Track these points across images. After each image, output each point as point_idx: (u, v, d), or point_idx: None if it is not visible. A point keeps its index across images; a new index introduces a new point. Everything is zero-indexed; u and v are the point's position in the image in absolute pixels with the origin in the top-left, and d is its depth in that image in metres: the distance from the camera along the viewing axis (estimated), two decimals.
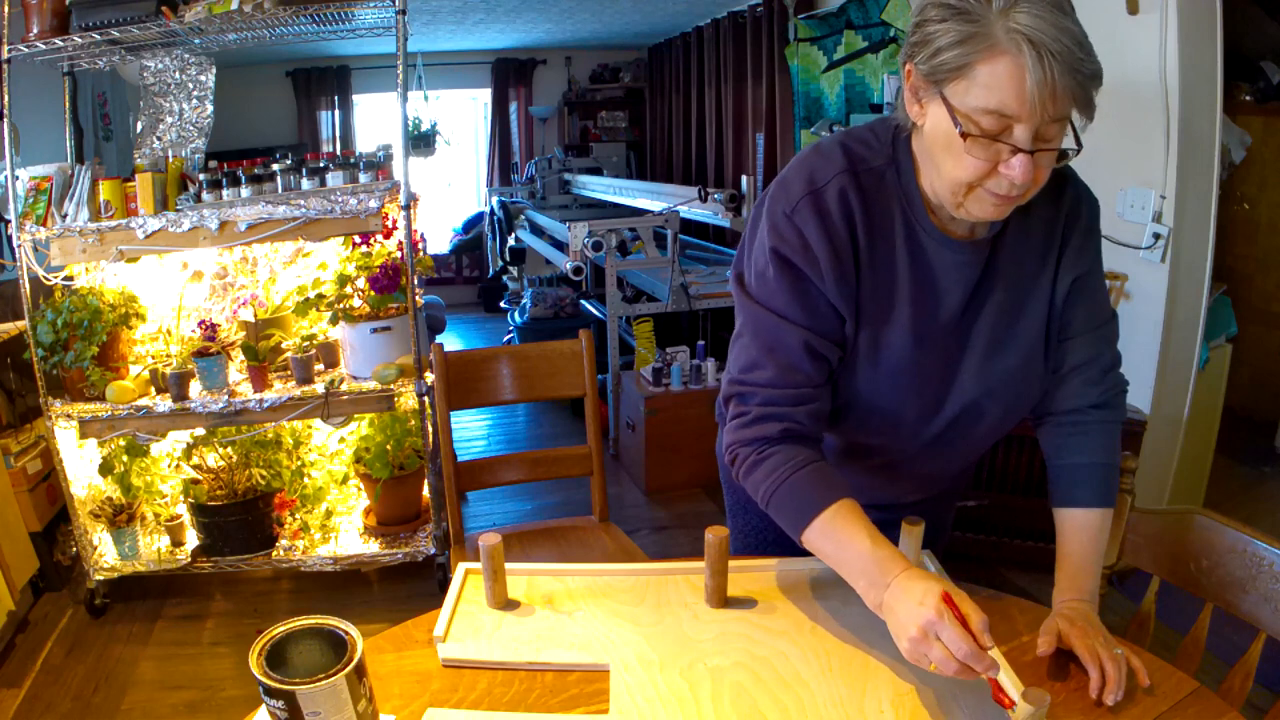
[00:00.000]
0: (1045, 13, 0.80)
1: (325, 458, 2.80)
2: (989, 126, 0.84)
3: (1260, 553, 1.10)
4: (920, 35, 0.87)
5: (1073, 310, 1.06)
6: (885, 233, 1.00)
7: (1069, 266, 1.04)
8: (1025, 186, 0.88)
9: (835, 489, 0.98)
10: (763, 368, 1.02)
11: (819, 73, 4.07)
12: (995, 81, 0.82)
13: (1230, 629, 1.17)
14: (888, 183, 1.00)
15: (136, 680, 2.27)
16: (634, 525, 3.17)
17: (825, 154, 1.01)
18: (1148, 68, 2.24)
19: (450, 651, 1.01)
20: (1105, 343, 1.10)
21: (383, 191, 2.42)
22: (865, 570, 0.94)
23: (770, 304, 1.02)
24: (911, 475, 1.19)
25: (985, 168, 0.87)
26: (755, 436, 1.02)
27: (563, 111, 7.14)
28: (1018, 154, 0.85)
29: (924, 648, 0.84)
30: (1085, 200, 1.06)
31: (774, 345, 1.01)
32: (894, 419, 1.08)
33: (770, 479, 1.00)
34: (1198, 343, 2.43)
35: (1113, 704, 0.89)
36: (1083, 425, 1.10)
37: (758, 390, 1.02)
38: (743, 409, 1.04)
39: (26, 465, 2.61)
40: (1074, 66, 0.80)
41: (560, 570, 1.19)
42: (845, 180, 0.98)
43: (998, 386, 1.06)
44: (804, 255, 0.98)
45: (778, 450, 1.01)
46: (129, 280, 2.60)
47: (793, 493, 0.99)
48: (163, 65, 2.60)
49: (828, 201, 0.98)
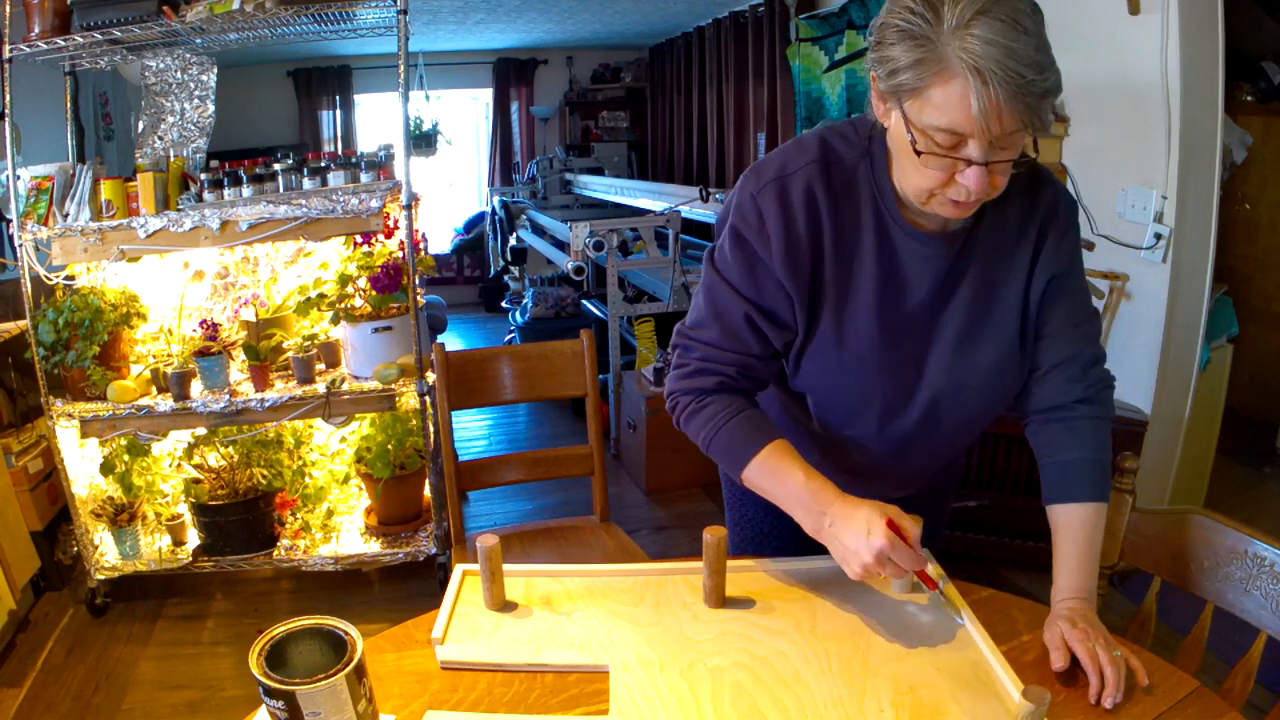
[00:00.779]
0: (997, 35, 0.81)
1: (326, 457, 2.81)
2: (943, 142, 0.88)
3: (1260, 553, 1.10)
4: (879, 53, 0.90)
5: (1051, 309, 1.08)
6: (853, 223, 1.04)
7: (1045, 266, 1.06)
8: (982, 195, 0.91)
9: (768, 432, 1.07)
10: (708, 328, 1.10)
11: (820, 72, 4.06)
12: (947, 103, 0.85)
13: (1230, 629, 1.16)
14: (860, 176, 1.04)
15: (137, 680, 2.27)
16: (634, 525, 3.17)
17: (803, 145, 1.06)
18: (1149, 68, 2.23)
19: (449, 653, 1.00)
20: (1085, 340, 1.10)
21: (384, 191, 2.42)
22: (801, 500, 1.02)
23: (725, 274, 1.09)
24: (892, 471, 1.20)
25: (942, 178, 0.91)
26: (693, 387, 1.11)
27: (564, 111, 7.14)
28: (972, 166, 0.88)
29: (878, 569, 0.95)
30: (1062, 202, 1.08)
31: (720, 311, 1.09)
32: (863, 405, 1.11)
33: (709, 425, 1.09)
34: (1199, 343, 2.43)
35: (1111, 707, 0.89)
36: (1068, 421, 1.10)
37: (699, 346, 1.11)
38: (684, 360, 1.13)
39: (27, 465, 2.61)
40: (1020, 90, 0.82)
41: (558, 571, 1.19)
42: (813, 171, 1.03)
43: (970, 379, 1.08)
44: (759, 235, 1.04)
45: (713, 399, 1.09)
46: (130, 280, 2.60)
47: (731, 437, 1.07)
48: (164, 65, 2.60)
49: (792, 190, 1.02)
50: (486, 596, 1.09)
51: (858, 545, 0.94)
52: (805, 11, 4.16)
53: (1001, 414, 1.16)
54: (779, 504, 1.05)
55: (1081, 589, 1.03)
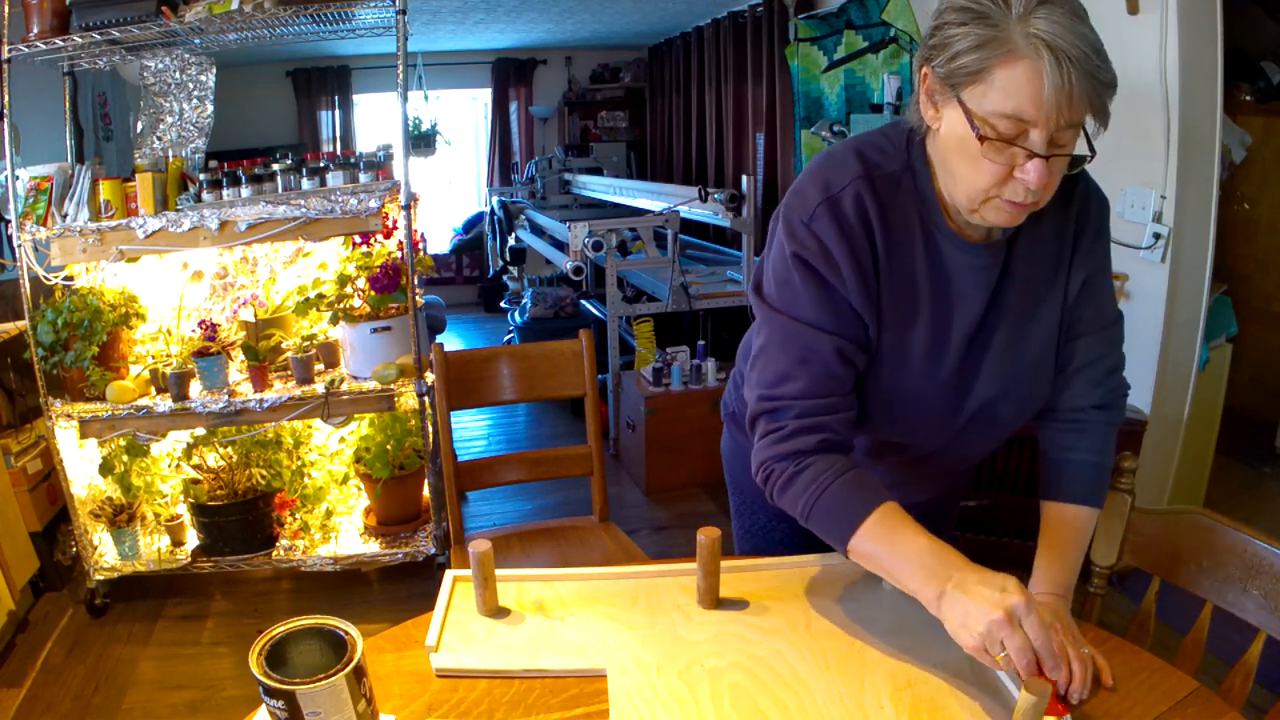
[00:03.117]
0: (1063, 19, 0.80)
1: (325, 458, 2.81)
2: (1005, 130, 0.85)
3: (1260, 553, 1.10)
4: (938, 38, 0.87)
5: (1082, 309, 1.06)
6: (903, 237, 0.99)
7: (1080, 266, 1.05)
8: (1040, 192, 0.88)
9: (879, 492, 0.96)
10: (795, 379, 0.99)
11: (819, 72, 4.06)
12: (1013, 86, 0.82)
13: (1230, 629, 1.16)
14: (904, 187, 0.99)
15: (136, 680, 2.27)
16: (634, 525, 3.17)
17: (839, 160, 1.00)
18: (1148, 68, 2.24)
19: (444, 661, 1.00)
20: (1111, 343, 1.10)
21: (383, 191, 2.42)
22: (925, 563, 0.91)
23: (796, 313, 1.00)
24: (924, 476, 1.19)
25: (1001, 172, 0.87)
26: (792, 450, 0.99)
27: (563, 111, 7.14)
28: (1033, 158, 0.85)
29: (1005, 633, 0.82)
30: (1095, 199, 1.06)
31: (805, 355, 0.99)
32: (916, 422, 1.08)
33: (810, 489, 0.97)
34: (1198, 343, 2.43)
35: (1077, 703, 0.89)
36: (1082, 424, 1.10)
37: (792, 404, 0.99)
38: (776, 425, 1.01)
39: (27, 465, 2.61)
40: (1091, 72, 0.81)
41: (548, 575, 1.18)
42: (861, 186, 0.97)
43: (1012, 386, 1.06)
44: (825, 262, 0.97)
45: (814, 461, 0.98)
46: (129, 280, 2.60)
47: (836, 500, 0.96)
48: (163, 65, 2.60)
49: (844, 208, 0.97)
50: (479, 602, 1.09)
51: (988, 600, 0.84)
52: (804, 11, 4.16)
53: None
54: (892, 571, 0.94)
55: (1059, 584, 1.04)
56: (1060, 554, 1.05)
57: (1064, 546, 1.06)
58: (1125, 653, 1.00)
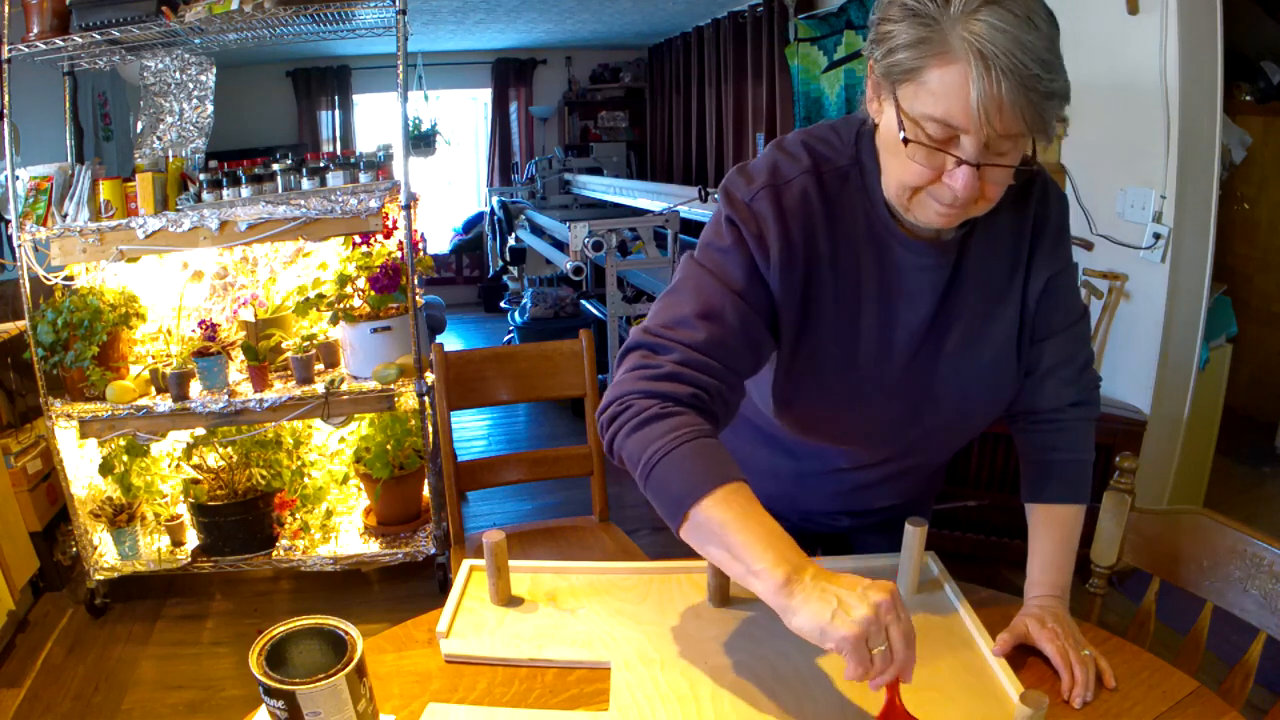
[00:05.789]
0: (1007, 24, 0.75)
1: (325, 458, 2.81)
2: (935, 134, 0.81)
3: (1260, 553, 1.10)
4: (878, 32, 0.84)
5: (1047, 311, 1.04)
6: (849, 235, 0.96)
7: (1042, 267, 1.02)
8: (969, 199, 0.84)
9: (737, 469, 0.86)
10: (692, 328, 0.91)
11: (819, 73, 4.06)
12: (944, 89, 0.78)
13: (1230, 629, 1.16)
14: (851, 183, 0.96)
15: (136, 680, 2.27)
16: (634, 525, 3.17)
17: (790, 152, 0.98)
18: (1148, 68, 2.24)
19: (452, 648, 1.01)
20: (1079, 341, 1.08)
21: (383, 191, 2.42)
22: (777, 544, 0.81)
23: (719, 271, 0.94)
24: (885, 480, 1.17)
25: (928, 174, 0.84)
26: (660, 391, 0.89)
27: (563, 111, 7.14)
28: (962, 165, 0.81)
29: (891, 618, 0.76)
30: (1054, 198, 1.02)
31: (710, 311, 0.92)
32: (872, 424, 1.06)
33: (666, 438, 0.86)
34: (1198, 343, 2.43)
35: (1080, 706, 0.89)
36: (1060, 423, 1.09)
37: (679, 348, 0.91)
38: (653, 360, 0.91)
39: (26, 465, 2.61)
40: (1026, 84, 0.76)
41: (564, 568, 1.19)
42: (808, 181, 0.95)
43: (971, 389, 1.04)
44: (757, 237, 0.93)
45: (681, 412, 0.88)
46: (129, 280, 2.60)
47: (691, 457, 0.85)
48: (163, 65, 2.60)
49: (788, 199, 0.94)
50: (492, 592, 1.10)
51: (868, 585, 0.77)
52: (804, 11, 4.16)
53: None
54: (734, 545, 0.82)
55: (1055, 585, 1.03)
56: (1053, 556, 1.05)
57: (1056, 548, 1.05)
58: (1125, 653, 1.00)
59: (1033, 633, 0.97)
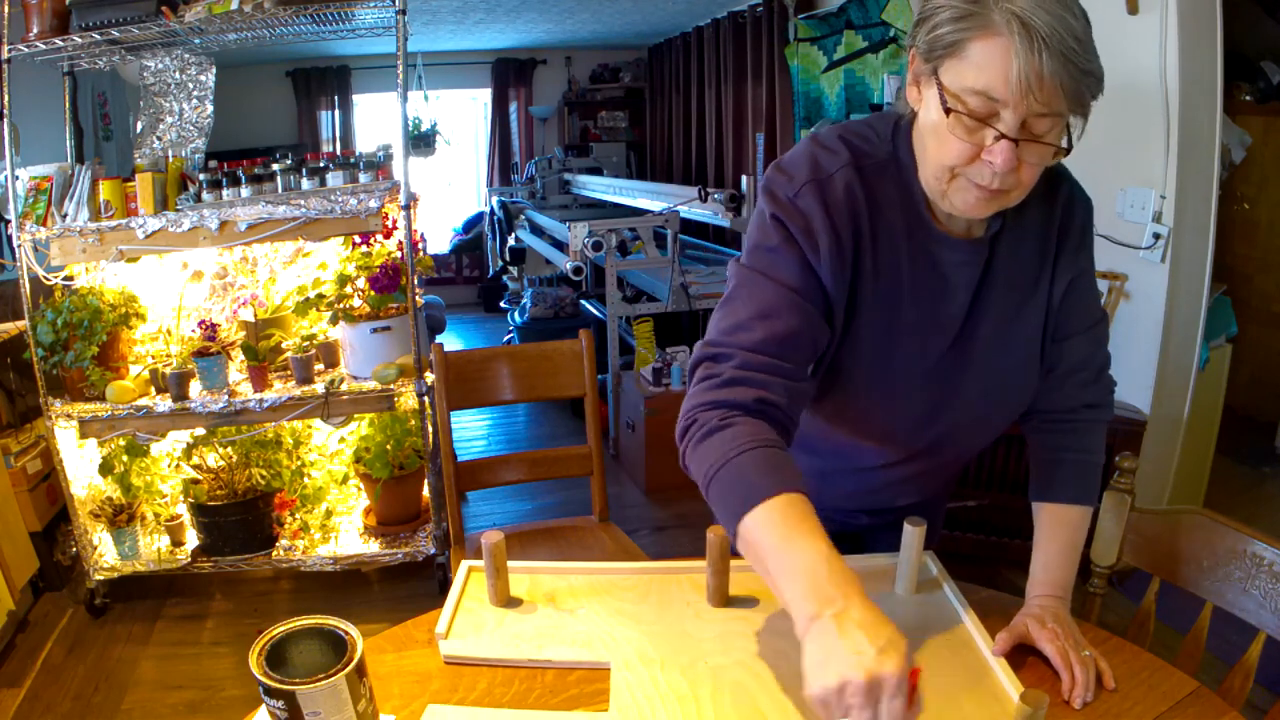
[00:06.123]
0: (1048, 4, 0.79)
1: (325, 458, 2.81)
2: (975, 107, 0.83)
3: (1260, 552, 1.10)
4: (925, 12, 0.87)
5: (1068, 311, 1.05)
6: (889, 228, 0.97)
7: (1065, 268, 1.03)
8: (1007, 178, 0.85)
9: (796, 478, 0.85)
10: (750, 330, 0.92)
11: (819, 73, 4.06)
12: (985, 61, 0.81)
13: (1230, 629, 1.16)
14: (889, 177, 0.97)
15: (136, 680, 2.27)
16: (634, 525, 3.17)
17: (828, 145, 0.98)
18: (1148, 68, 2.24)
19: (452, 648, 1.01)
20: (1098, 343, 1.09)
21: (383, 191, 2.42)
22: (816, 575, 0.78)
23: (766, 269, 0.94)
24: (907, 479, 1.18)
25: (968, 151, 0.85)
26: (723, 400, 0.89)
27: (563, 111, 7.14)
28: (1001, 140, 0.83)
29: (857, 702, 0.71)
30: (1079, 199, 1.04)
31: (767, 310, 0.92)
32: (898, 419, 1.07)
33: (725, 449, 0.85)
34: (1198, 343, 2.43)
35: (1080, 706, 0.89)
36: (1074, 424, 1.09)
37: (738, 353, 0.91)
38: (715, 370, 0.91)
39: (26, 465, 2.61)
40: (1065, 55, 0.78)
41: (563, 568, 1.19)
42: (850, 174, 0.95)
43: (996, 388, 1.05)
44: (805, 232, 0.93)
45: (742, 421, 0.87)
46: (129, 280, 2.60)
47: (746, 468, 0.84)
48: (163, 65, 2.60)
49: (833, 192, 0.94)
50: (491, 592, 1.10)
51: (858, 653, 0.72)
52: (804, 12, 4.16)
53: None
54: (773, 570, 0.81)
55: (1058, 585, 1.03)
56: (1058, 555, 1.05)
57: (1061, 547, 1.05)
58: (1125, 653, 1.00)
59: (1033, 633, 0.97)
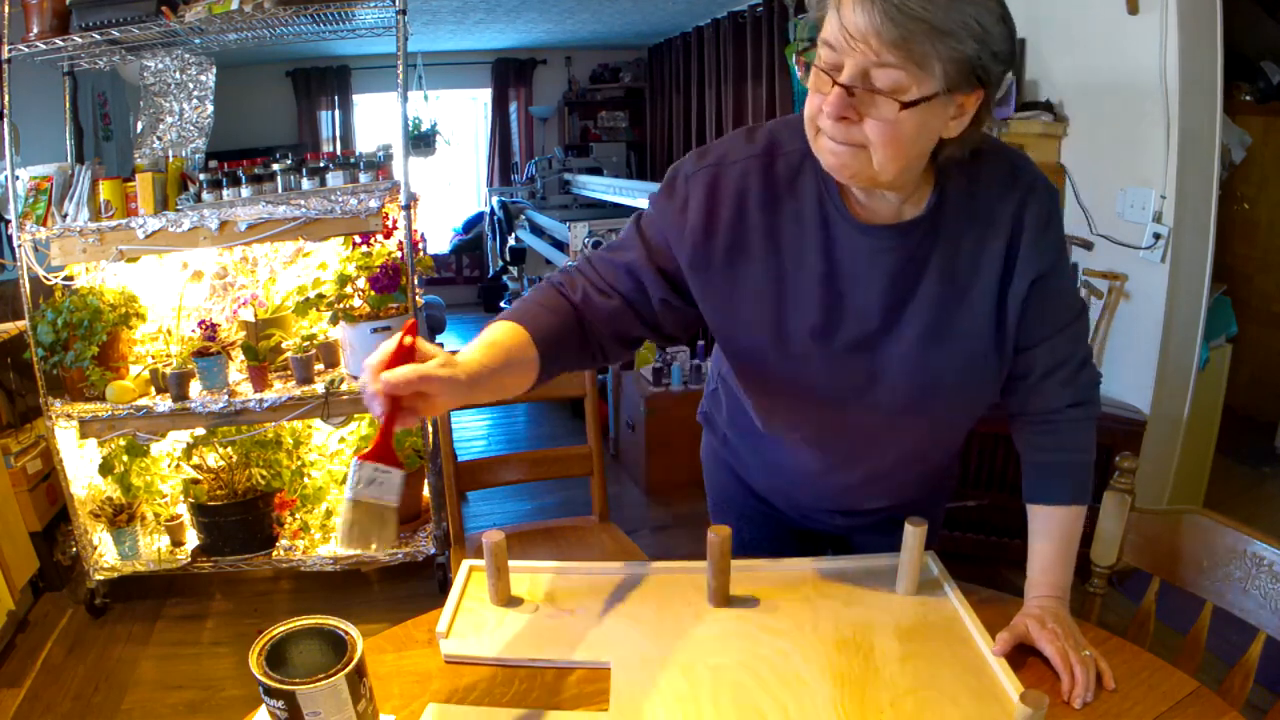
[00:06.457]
0: None
1: (325, 458, 2.80)
2: (824, 57, 0.86)
3: (1260, 552, 1.10)
4: None
5: (1038, 313, 1.01)
6: (795, 218, 1.00)
7: (1026, 264, 0.98)
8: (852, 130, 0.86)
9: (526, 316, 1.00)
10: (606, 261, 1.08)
11: None
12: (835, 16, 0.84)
13: (1230, 629, 1.17)
14: (806, 169, 0.99)
15: (136, 680, 2.27)
16: (634, 525, 3.17)
17: (751, 136, 1.03)
18: (1148, 68, 2.24)
19: (452, 648, 1.01)
20: (1075, 341, 1.06)
21: (383, 191, 2.42)
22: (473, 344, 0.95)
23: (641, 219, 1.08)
24: (866, 484, 1.18)
25: (816, 102, 0.88)
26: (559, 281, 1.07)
27: (563, 111, 7.14)
28: (835, 86, 0.85)
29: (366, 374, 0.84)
30: (1040, 191, 0.99)
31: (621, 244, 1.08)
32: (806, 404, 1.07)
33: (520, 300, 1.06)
34: (1198, 343, 2.43)
35: (1080, 707, 0.90)
36: (1059, 424, 1.07)
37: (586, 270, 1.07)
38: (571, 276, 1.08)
39: (26, 465, 2.61)
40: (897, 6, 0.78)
41: (563, 568, 1.19)
42: (752, 165, 1.00)
43: (940, 381, 1.02)
44: (679, 213, 1.02)
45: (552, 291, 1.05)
46: (129, 280, 2.60)
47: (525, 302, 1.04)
48: (163, 65, 2.60)
49: (723, 182, 1.01)
50: (492, 592, 1.10)
51: None
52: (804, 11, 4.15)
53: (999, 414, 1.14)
54: None
55: (1056, 586, 1.03)
56: (1054, 556, 1.05)
57: (1056, 548, 1.05)
58: (1125, 653, 1.00)
59: (1033, 633, 0.97)
